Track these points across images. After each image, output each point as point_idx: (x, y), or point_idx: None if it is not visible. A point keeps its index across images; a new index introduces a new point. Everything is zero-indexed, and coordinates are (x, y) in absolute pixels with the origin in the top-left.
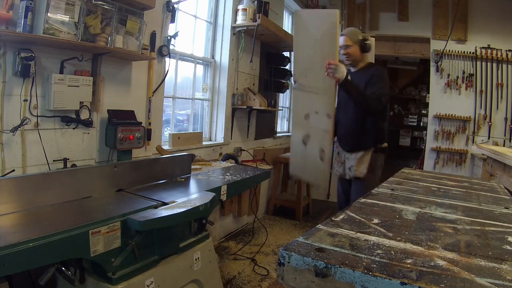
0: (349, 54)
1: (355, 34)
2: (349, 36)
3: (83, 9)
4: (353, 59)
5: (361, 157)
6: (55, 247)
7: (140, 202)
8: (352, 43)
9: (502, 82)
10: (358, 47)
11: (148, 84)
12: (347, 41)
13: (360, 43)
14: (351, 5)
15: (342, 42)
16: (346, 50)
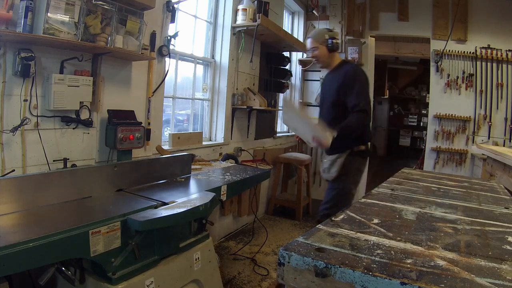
0: (317, 56)
1: (320, 35)
2: (315, 38)
3: (83, 9)
4: (322, 61)
5: (334, 160)
6: (55, 247)
7: (140, 202)
8: (318, 44)
9: (502, 82)
10: (325, 48)
11: (148, 84)
12: (313, 43)
13: (327, 43)
14: (351, 5)
15: (309, 45)
16: (313, 53)
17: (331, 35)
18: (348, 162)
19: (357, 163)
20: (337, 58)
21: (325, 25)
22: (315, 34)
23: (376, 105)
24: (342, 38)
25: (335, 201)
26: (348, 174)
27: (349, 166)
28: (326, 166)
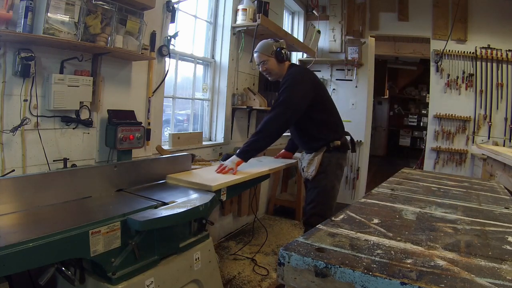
0: (269, 70)
1: (268, 46)
2: (262, 51)
3: (83, 9)
4: (275, 73)
5: (311, 158)
6: (55, 247)
7: (140, 202)
8: (267, 57)
9: (502, 82)
10: (274, 59)
11: (148, 84)
12: (262, 56)
13: (275, 54)
14: (351, 5)
15: (257, 59)
16: (264, 66)
17: (278, 45)
18: (326, 159)
19: (335, 158)
20: (286, 67)
21: (325, 25)
22: (262, 46)
23: (376, 105)
24: (342, 38)
25: (319, 199)
26: (327, 171)
27: (328, 163)
28: (304, 165)
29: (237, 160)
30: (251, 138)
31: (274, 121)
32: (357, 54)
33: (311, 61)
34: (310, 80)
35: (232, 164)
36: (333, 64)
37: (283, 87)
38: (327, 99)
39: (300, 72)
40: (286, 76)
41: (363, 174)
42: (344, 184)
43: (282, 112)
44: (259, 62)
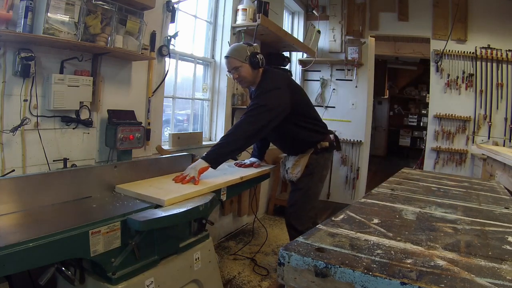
0: (241, 77)
1: (241, 51)
2: (235, 56)
3: (83, 9)
4: (248, 80)
5: (298, 159)
6: (55, 247)
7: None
8: (240, 63)
9: (502, 82)
10: (248, 65)
11: (148, 84)
12: (234, 62)
13: (249, 59)
14: (351, 5)
15: (228, 65)
16: (237, 73)
17: (253, 49)
18: (314, 161)
19: (323, 159)
20: (260, 74)
21: (325, 25)
22: (235, 51)
23: (376, 105)
24: (342, 38)
25: (303, 200)
26: (314, 173)
27: (316, 165)
28: (289, 166)
29: (202, 166)
30: (221, 140)
31: (250, 124)
32: (357, 54)
33: (311, 61)
34: (287, 86)
35: (194, 172)
36: (333, 64)
37: (259, 92)
38: (307, 101)
39: (277, 78)
40: (261, 82)
41: (363, 174)
42: (344, 184)
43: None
44: (231, 69)
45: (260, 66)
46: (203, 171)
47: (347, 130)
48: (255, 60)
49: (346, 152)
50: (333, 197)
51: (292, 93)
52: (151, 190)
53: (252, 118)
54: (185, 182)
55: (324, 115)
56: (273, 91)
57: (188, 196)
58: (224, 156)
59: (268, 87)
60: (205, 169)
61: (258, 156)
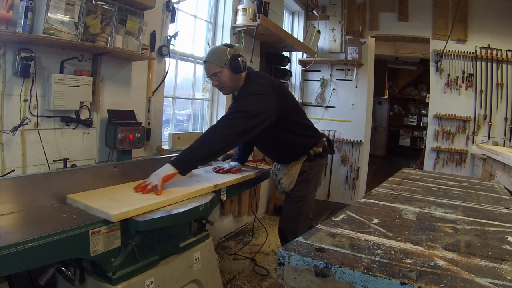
0: (222, 83)
1: (220, 55)
2: (213, 61)
3: (83, 9)
4: (228, 87)
5: (290, 168)
6: (55, 247)
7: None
8: (220, 68)
9: (502, 82)
10: (227, 70)
11: (148, 84)
12: (213, 68)
13: (230, 63)
14: (351, 5)
15: (207, 71)
16: (216, 80)
17: (233, 52)
18: (308, 168)
19: (317, 166)
20: (243, 79)
21: (325, 25)
22: (214, 55)
23: (376, 105)
24: (342, 38)
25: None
26: (308, 181)
27: (309, 172)
28: (280, 176)
29: (168, 172)
30: (193, 144)
31: (225, 129)
32: (357, 54)
33: (311, 61)
34: (274, 91)
35: (158, 180)
36: (333, 64)
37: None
38: (296, 106)
39: (261, 82)
40: (244, 87)
41: (363, 174)
42: (344, 184)
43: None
44: (210, 74)
45: (241, 70)
46: (168, 179)
47: (347, 130)
48: (236, 63)
49: (346, 152)
50: (333, 197)
51: (280, 99)
52: (102, 202)
53: (228, 122)
54: (146, 192)
55: (324, 115)
56: (256, 96)
57: (144, 210)
58: (194, 162)
59: (251, 91)
60: (171, 176)
61: (240, 160)
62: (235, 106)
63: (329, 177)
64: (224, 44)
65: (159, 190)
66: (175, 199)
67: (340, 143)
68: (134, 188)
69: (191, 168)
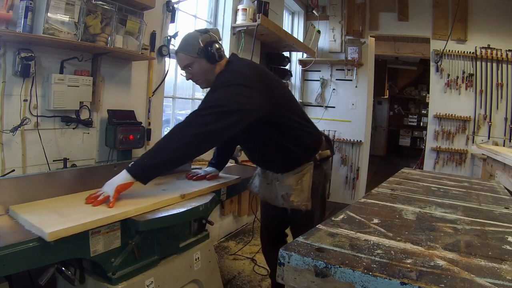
0: (197, 76)
1: (192, 43)
2: (185, 51)
3: (83, 9)
4: (205, 79)
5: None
6: (55, 247)
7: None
8: (192, 58)
9: (502, 82)
10: (204, 60)
11: (148, 84)
12: (186, 59)
13: (204, 52)
14: (351, 5)
15: (179, 63)
16: (190, 73)
17: (208, 38)
18: (315, 179)
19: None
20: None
21: (325, 25)
22: (184, 44)
23: (376, 105)
24: (342, 38)
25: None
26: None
27: (319, 182)
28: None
29: (124, 181)
30: (154, 147)
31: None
32: (357, 54)
33: (311, 61)
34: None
35: (111, 190)
36: (333, 64)
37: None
38: (291, 98)
39: (241, 70)
40: (221, 75)
41: (363, 174)
42: (344, 184)
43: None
44: (182, 67)
45: (217, 58)
46: (123, 189)
47: (347, 130)
48: (210, 51)
49: (346, 152)
50: (333, 197)
51: (267, 89)
52: (44, 216)
53: (196, 119)
54: (97, 204)
55: (324, 115)
56: (231, 88)
57: (86, 227)
58: (155, 169)
59: (226, 81)
60: (127, 186)
61: (216, 165)
62: (204, 101)
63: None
64: (197, 30)
65: (111, 202)
66: (127, 213)
67: (340, 143)
68: (86, 199)
69: (152, 176)
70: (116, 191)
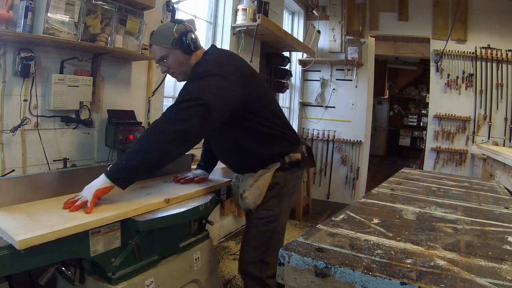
0: (173, 68)
1: (166, 34)
2: (158, 43)
3: (83, 9)
4: (181, 71)
5: (257, 178)
6: (55, 247)
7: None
8: (167, 50)
9: (502, 82)
10: (179, 51)
11: (148, 84)
12: (160, 51)
13: (179, 44)
14: (351, 5)
15: (154, 56)
16: (165, 65)
17: (183, 28)
18: (281, 179)
19: (294, 178)
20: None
21: (325, 25)
22: (158, 36)
23: (376, 105)
24: (342, 38)
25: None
26: (281, 196)
27: (283, 185)
28: (244, 189)
29: (103, 185)
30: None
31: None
32: (357, 54)
33: (311, 61)
34: (236, 71)
35: (89, 195)
36: (333, 64)
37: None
38: (268, 95)
39: (218, 60)
40: (196, 66)
41: (363, 174)
42: (344, 184)
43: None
44: (157, 60)
45: (193, 48)
46: (102, 194)
47: (347, 130)
48: (185, 41)
49: (346, 152)
50: (333, 197)
51: (245, 82)
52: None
53: (175, 114)
54: (74, 210)
55: (324, 115)
56: (209, 78)
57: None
58: (134, 172)
59: (202, 71)
60: (106, 190)
61: (205, 167)
62: (179, 95)
63: (329, 177)
64: (171, 20)
65: (89, 207)
66: (106, 220)
67: (340, 143)
68: (64, 203)
69: (131, 179)
70: (95, 196)
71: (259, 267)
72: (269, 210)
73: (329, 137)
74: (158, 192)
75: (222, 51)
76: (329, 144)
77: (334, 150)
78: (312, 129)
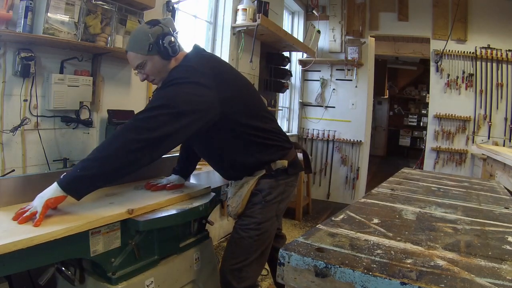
0: (152, 75)
1: (141, 39)
2: (135, 49)
3: (83, 9)
4: (161, 78)
5: (240, 186)
6: (55, 247)
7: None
8: (143, 57)
9: (502, 82)
10: (157, 56)
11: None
12: (136, 58)
13: (156, 49)
14: (351, 5)
15: (131, 62)
16: (143, 72)
17: (159, 31)
18: (266, 187)
19: (281, 186)
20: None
21: (325, 25)
22: (133, 42)
23: (376, 105)
24: (342, 38)
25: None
26: (265, 204)
27: (267, 193)
28: (229, 196)
29: (55, 195)
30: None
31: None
32: (357, 54)
33: (311, 61)
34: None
35: (39, 205)
36: (333, 64)
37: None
38: (255, 100)
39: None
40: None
41: (363, 174)
42: (344, 184)
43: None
44: (134, 67)
45: (172, 53)
46: (54, 204)
47: (347, 130)
48: (163, 46)
49: (346, 152)
50: (333, 197)
51: (226, 90)
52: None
53: (144, 122)
54: (22, 222)
55: (324, 115)
56: (184, 86)
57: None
58: (89, 182)
59: (176, 77)
60: (58, 201)
61: (181, 172)
62: (151, 100)
63: (329, 177)
64: (147, 22)
65: (38, 219)
66: (54, 234)
67: (340, 143)
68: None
69: (86, 190)
70: (45, 207)
71: (237, 276)
72: (251, 217)
73: (329, 137)
74: (123, 201)
75: (203, 56)
76: (329, 144)
77: (334, 150)
78: (312, 129)
